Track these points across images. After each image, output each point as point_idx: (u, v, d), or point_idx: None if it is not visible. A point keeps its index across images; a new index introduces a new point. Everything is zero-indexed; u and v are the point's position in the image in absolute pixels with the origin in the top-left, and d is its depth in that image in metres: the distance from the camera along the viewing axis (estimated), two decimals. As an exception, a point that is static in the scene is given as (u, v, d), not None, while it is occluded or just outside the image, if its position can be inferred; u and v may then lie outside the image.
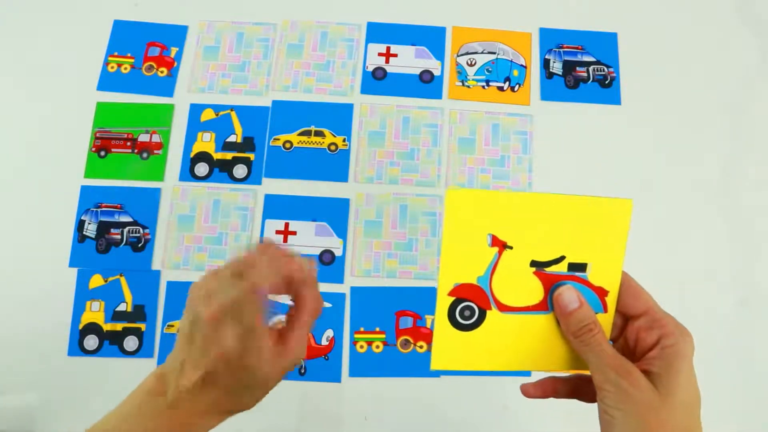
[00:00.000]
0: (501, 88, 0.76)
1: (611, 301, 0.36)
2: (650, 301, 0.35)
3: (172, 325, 0.68)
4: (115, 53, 0.77)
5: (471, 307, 0.36)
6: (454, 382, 0.67)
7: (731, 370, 0.68)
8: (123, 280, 0.69)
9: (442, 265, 0.35)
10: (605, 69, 0.77)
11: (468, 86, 0.76)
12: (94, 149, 0.74)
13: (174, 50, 0.77)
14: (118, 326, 0.68)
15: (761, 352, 0.69)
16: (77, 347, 0.68)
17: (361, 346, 0.68)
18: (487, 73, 0.77)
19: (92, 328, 0.68)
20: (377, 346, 0.68)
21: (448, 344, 0.36)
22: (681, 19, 0.80)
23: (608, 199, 0.35)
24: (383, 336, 0.68)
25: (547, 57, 0.78)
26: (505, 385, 0.67)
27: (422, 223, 0.71)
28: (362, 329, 0.68)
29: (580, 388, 0.38)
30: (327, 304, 0.69)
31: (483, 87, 0.76)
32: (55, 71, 0.77)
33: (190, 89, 0.76)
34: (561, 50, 0.78)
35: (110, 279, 0.69)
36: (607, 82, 0.77)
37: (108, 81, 0.76)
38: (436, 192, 0.72)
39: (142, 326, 0.68)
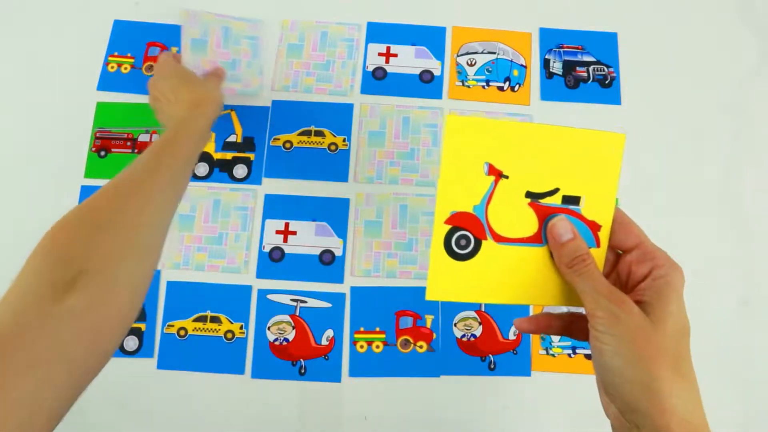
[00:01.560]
0: (501, 88, 0.76)
1: (604, 236, 0.36)
2: (642, 234, 0.36)
3: (172, 325, 0.68)
4: (115, 53, 0.77)
5: (467, 236, 0.36)
6: (454, 382, 0.67)
7: (732, 370, 0.68)
8: (123, 280, 0.69)
9: (440, 193, 0.35)
10: (605, 69, 0.77)
11: (468, 86, 0.76)
12: (94, 149, 0.74)
13: (174, 50, 0.77)
14: (118, 326, 0.68)
15: (762, 352, 0.69)
16: (77, 347, 0.68)
17: (361, 346, 0.68)
18: (487, 73, 0.77)
19: (92, 328, 0.68)
20: (377, 346, 0.68)
21: (443, 274, 0.36)
22: (681, 19, 0.80)
23: (602, 132, 0.36)
24: (383, 336, 0.68)
25: (547, 57, 0.78)
26: (505, 385, 0.67)
27: (422, 223, 0.71)
28: (362, 329, 0.68)
29: (572, 325, 0.38)
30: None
31: (483, 87, 0.76)
32: (55, 71, 0.77)
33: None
34: (561, 50, 0.78)
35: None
36: (607, 82, 0.77)
37: (108, 81, 0.76)
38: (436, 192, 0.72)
39: (142, 326, 0.68)
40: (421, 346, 0.68)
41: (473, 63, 0.77)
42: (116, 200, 0.43)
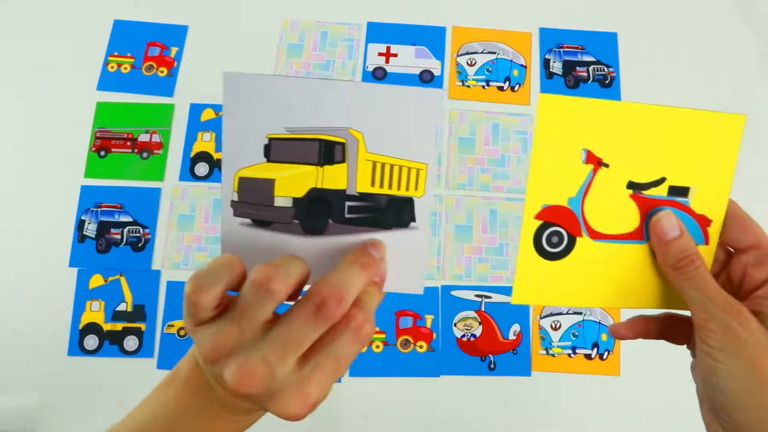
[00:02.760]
0: (501, 88, 0.76)
1: (714, 232, 0.32)
2: (761, 233, 0.31)
3: (172, 325, 0.68)
4: (115, 53, 0.77)
5: (560, 232, 0.32)
6: (454, 382, 0.67)
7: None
8: (123, 280, 0.69)
9: (530, 184, 0.31)
10: (605, 69, 0.77)
11: (468, 86, 0.76)
12: (94, 149, 0.74)
13: (174, 50, 0.77)
14: (118, 326, 0.68)
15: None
16: (77, 347, 0.68)
17: (361, 346, 0.68)
18: (487, 73, 0.77)
19: (92, 328, 0.68)
20: (377, 346, 0.68)
21: (531, 275, 0.32)
22: (681, 19, 0.80)
23: (718, 113, 0.32)
24: (383, 336, 0.68)
25: (547, 57, 0.78)
26: (505, 385, 0.67)
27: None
28: (362, 329, 0.68)
29: (672, 329, 0.35)
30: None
31: (483, 87, 0.76)
32: (55, 71, 0.77)
33: (190, 91, 0.76)
34: (561, 50, 0.78)
35: (110, 279, 0.69)
36: (607, 82, 0.77)
37: (108, 81, 0.76)
38: (437, 192, 0.72)
39: (142, 326, 0.68)
40: (421, 346, 0.68)
41: (473, 63, 0.77)
42: None
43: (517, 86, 0.77)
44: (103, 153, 0.73)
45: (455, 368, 0.67)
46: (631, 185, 0.32)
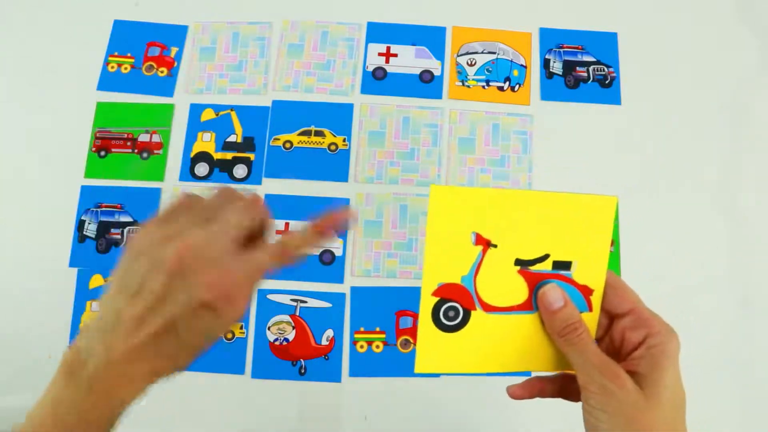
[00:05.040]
0: (501, 88, 0.76)
1: (596, 299, 0.36)
2: (636, 299, 0.35)
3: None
4: (115, 53, 0.77)
5: (455, 307, 0.35)
6: (454, 382, 0.67)
7: (731, 371, 0.68)
8: (123, 280, 0.69)
9: (426, 264, 0.35)
10: (605, 69, 0.77)
11: (468, 86, 0.76)
12: (94, 149, 0.74)
13: (174, 50, 0.77)
14: (118, 326, 0.68)
15: (762, 352, 0.68)
16: (77, 347, 0.68)
17: (362, 346, 0.68)
18: (487, 73, 0.77)
19: (92, 328, 0.68)
20: (377, 346, 0.68)
21: (432, 346, 0.35)
22: (681, 19, 0.79)
23: (592, 196, 0.35)
24: (383, 336, 0.68)
25: (547, 57, 0.78)
26: (505, 385, 0.67)
27: (422, 223, 0.71)
28: (362, 329, 0.68)
29: (566, 388, 0.38)
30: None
31: (483, 87, 0.76)
32: (55, 71, 0.77)
33: (188, 90, 0.76)
34: (561, 50, 0.78)
35: (110, 279, 0.69)
36: (607, 82, 0.77)
37: (108, 81, 0.76)
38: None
39: (142, 326, 0.68)
40: (421, 346, 0.68)
41: (473, 63, 0.77)
42: None
43: (517, 86, 0.77)
44: (103, 153, 0.73)
45: (455, 368, 0.67)
46: (519, 262, 0.35)
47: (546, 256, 0.35)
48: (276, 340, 0.68)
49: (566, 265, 0.35)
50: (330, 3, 0.80)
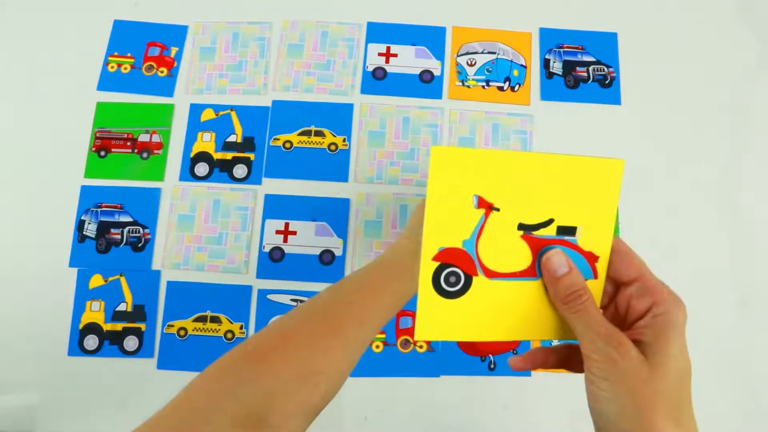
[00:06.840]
0: (501, 88, 0.76)
1: (602, 267, 0.35)
2: (643, 267, 0.34)
3: (172, 325, 0.68)
4: (115, 53, 0.77)
5: (456, 272, 0.34)
6: (454, 382, 0.67)
7: (732, 370, 0.68)
8: (123, 280, 0.69)
9: (426, 228, 0.33)
10: (605, 69, 0.77)
11: (468, 86, 0.76)
12: (94, 149, 0.74)
13: (174, 50, 0.77)
14: (118, 326, 0.68)
15: (761, 352, 0.69)
16: (77, 347, 0.68)
17: (361, 346, 0.68)
18: (487, 73, 0.77)
19: (92, 328, 0.68)
20: (377, 346, 0.68)
21: (432, 313, 0.34)
22: (681, 19, 0.80)
23: (599, 158, 0.34)
24: (383, 336, 0.68)
25: (547, 57, 0.78)
26: (505, 385, 0.67)
27: (422, 223, 0.71)
28: (362, 329, 0.68)
29: (569, 358, 0.37)
30: None
31: (483, 87, 0.76)
32: (55, 71, 0.77)
33: (188, 90, 0.76)
34: (561, 50, 0.78)
35: (110, 279, 0.69)
36: (607, 82, 0.77)
37: (108, 81, 0.76)
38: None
39: (142, 326, 0.68)
40: (421, 346, 0.68)
41: (473, 63, 0.77)
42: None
43: (517, 86, 0.77)
44: (103, 153, 0.73)
45: (455, 368, 0.67)
46: (522, 227, 0.34)
47: (550, 221, 0.34)
48: (276, 340, 0.68)
49: (571, 231, 0.34)
50: (330, 3, 0.80)
